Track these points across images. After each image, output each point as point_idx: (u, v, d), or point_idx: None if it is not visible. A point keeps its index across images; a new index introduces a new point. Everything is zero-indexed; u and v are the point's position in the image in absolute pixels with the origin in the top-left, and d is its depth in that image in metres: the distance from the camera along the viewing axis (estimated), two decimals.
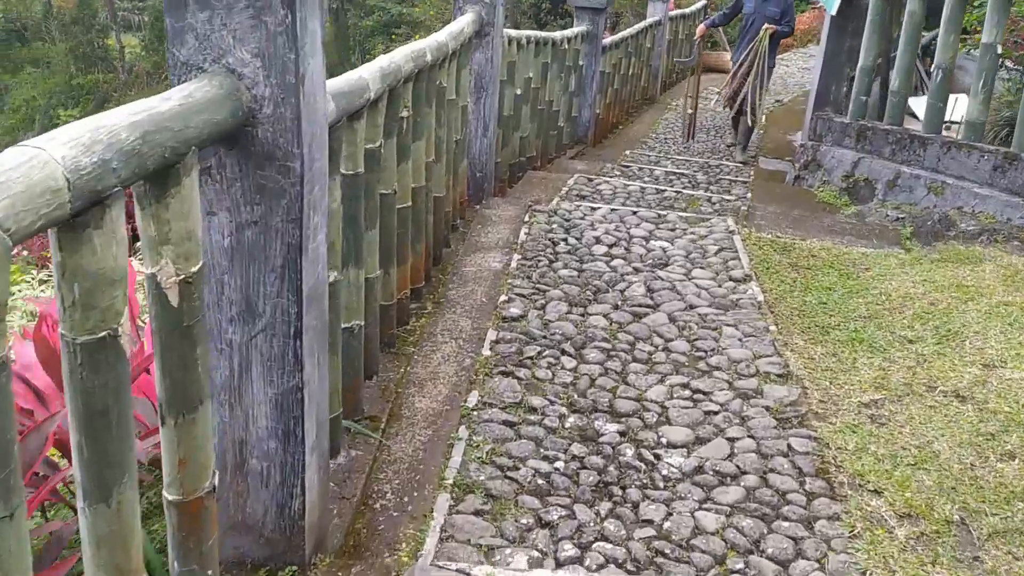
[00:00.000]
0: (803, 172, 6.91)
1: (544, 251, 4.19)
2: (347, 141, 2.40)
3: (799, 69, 14.45)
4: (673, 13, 11.72)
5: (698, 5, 13.42)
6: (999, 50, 5.42)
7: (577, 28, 7.47)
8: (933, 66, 5.84)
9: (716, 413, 2.83)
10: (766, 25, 7.61)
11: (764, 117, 8.58)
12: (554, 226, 4.57)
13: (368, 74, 2.48)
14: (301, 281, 1.63)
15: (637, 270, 4.01)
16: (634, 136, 9.40)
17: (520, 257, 4.10)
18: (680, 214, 4.94)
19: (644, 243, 4.38)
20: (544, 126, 6.63)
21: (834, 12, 6.53)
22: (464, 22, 4.22)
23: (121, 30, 36.17)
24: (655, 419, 2.80)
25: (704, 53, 14.44)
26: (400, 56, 2.92)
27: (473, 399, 2.87)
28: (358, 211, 2.53)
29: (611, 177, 6.61)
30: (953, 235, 5.02)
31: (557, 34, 6.64)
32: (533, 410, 2.83)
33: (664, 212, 4.97)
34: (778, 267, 4.09)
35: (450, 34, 3.79)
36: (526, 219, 4.66)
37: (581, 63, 7.72)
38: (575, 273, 3.94)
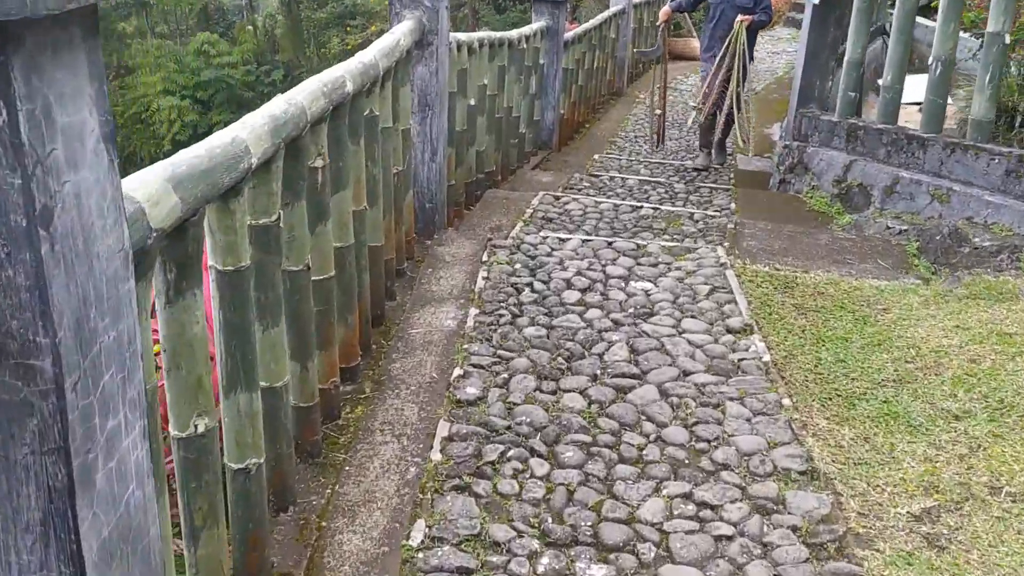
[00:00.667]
0: (788, 176, 6.32)
1: (506, 301, 3.54)
2: (220, 229, 1.73)
3: (768, 54, 13.88)
4: (637, 0, 11.08)
5: None
6: (1007, 40, 4.85)
7: (536, 24, 6.80)
8: (931, 58, 5.27)
9: (730, 539, 2.21)
10: (740, 17, 6.74)
11: (751, 127, 7.58)
12: (517, 266, 3.92)
13: (248, 132, 1.80)
14: (79, 541, 0.97)
15: (617, 323, 3.37)
16: (602, 136, 8.76)
17: (477, 312, 3.45)
18: (662, 243, 4.31)
19: (623, 285, 3.74)
20: (504, 136, 5.97)
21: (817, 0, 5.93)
22: (400, 33, 3.54)
23: None
24: (653, 554, 2.17)
25: (668, 40, 13.86)
26: (305, 94, 2.25)
27: (418, 534, 2.22)
28: (247, 314, 1.87)
29: (580, 192, 5.96)
30: (967, 252, 4.45)
31: (514, 33, 5.97)
32: (496, 546, 2.19)
33: (643, 242, 4.34)
34: (781, 310, 3.48)
35: (380, 51, 3.11)
36: (484, 258, 4.00)
37: (542, 62, 7.05)
38: (543, 332, 3.30)
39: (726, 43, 6.79)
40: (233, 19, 38.03)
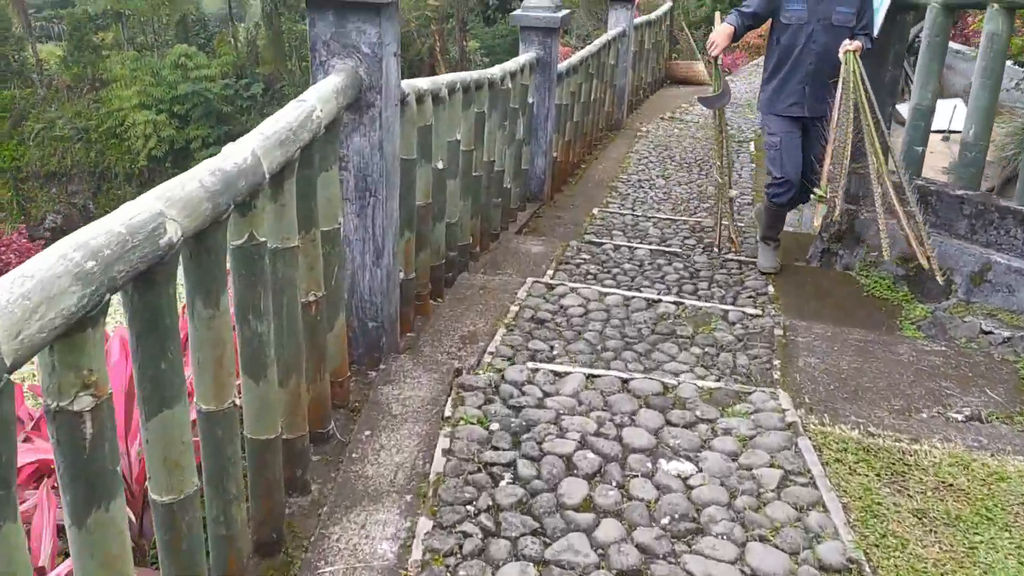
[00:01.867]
0: (835, 246, 5.14)
1: (475, 503, 2.32)
2: None
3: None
4: (637, 21, 9.93)
5: (665, 7, 11.65)
6: None
7: (524, 57, 5.62)
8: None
9: None
10: (849, 44, 4.28)
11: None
12: (494, 426, 2.71)
13: None
14: None
15: (647, 553, 2.16)
16: (601, 179, 7.58)
17: (430, 526, 2.23)
18: (698, 381, 3.10)
19: (650, 468, 2.52)
20: (483, 198, 4.77)
21: (876, 32, 4.74)
22: (316, 98, 2.33)
23: (38, 40, 33.47)
24: None
25: (670, 63, 12.77)
26: (101, 238, 1.05)
27: None
28: None
29: (578, 271, 4.76)
30: None
31: (496, 70, 4.78)
32: None
33: (671, 376, 3.14)
34: (899, 525, 2.27)
35: (268, 139, 1.91)
36: (448, 412, 2.78)
37: (531, 100, 5.87)
38: (535, 573, 2.08)
39: (839, 90, 4.25)
40: (214, 30, 36.76)
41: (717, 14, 5.20)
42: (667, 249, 5.25)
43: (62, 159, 27.73)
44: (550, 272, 4.66)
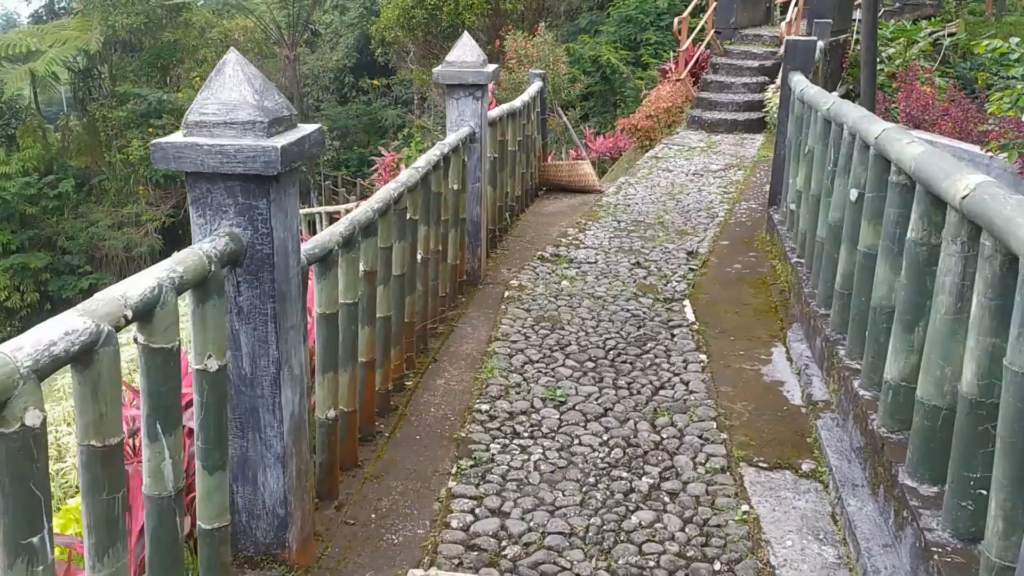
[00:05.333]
0: None
1: None
2: None
3: (687, 177, 9.62)
4: (495, 113, 6.52)
5: (533, 88, 8.35)
6: None
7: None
8: None
9: None
10: None
11: None
12: None
13: None
14: None
15: None
16: (434, 430, 3.98)
17: None
18: None
19: None
20: None
21: None
22: None
23: None
24: None
25: (545, 166, 9.43)
26: None
27: None
28: None
29: None
30: None
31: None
32: None
33: None
34: None
35: None
36: None
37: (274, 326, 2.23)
38: None
39: None
40: (14, 122, 31.33)
41: None
42: None
43: None
44: None
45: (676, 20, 12.94)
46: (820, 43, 8.03)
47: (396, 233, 4.03)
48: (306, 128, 2.42)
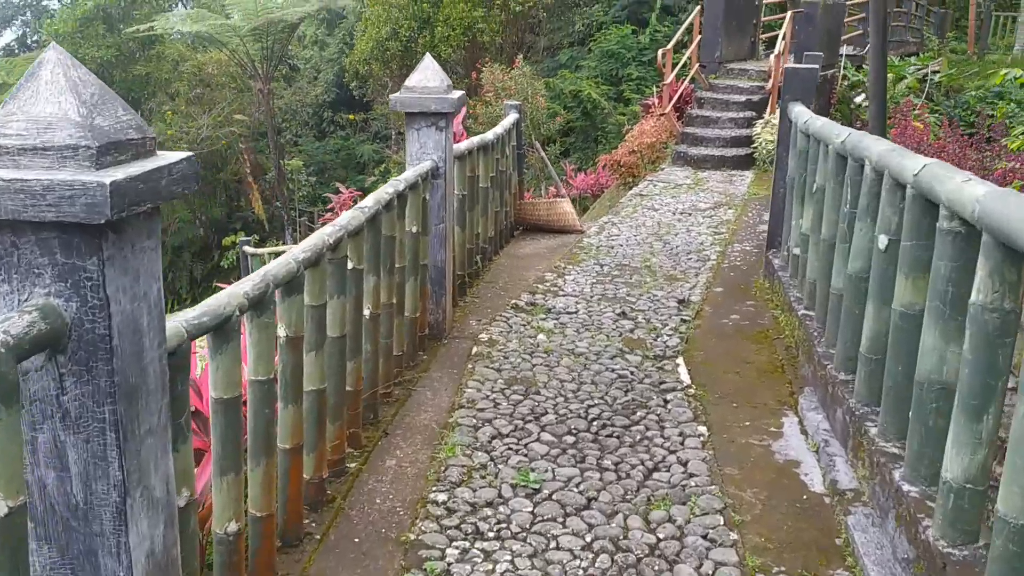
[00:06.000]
0: None
1: None
2: None
3: (674, 216, 8.99)
4: (462, 147, 5.86)
5: (508, 120, 7.71)
6: None
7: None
8: None
9: None
10: None
11: None
12: None
13: None
14: None
15: None
16: (378, 532, 3.23)
17: None
18: None
19: None
20: None
21: None
22: None
23: None
24: None
25: (521, 204, 8.75)
26: None
27: None
28: None
29: None
30: None
31: None
32: None
33: None
34: None
35: None
36: None
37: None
38: None
39: None
40: None
41: None
42: None
43: None
44: None
45: (660, 53, 12.42)
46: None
47: (333, 287, 3.31)
48: (165, 158, 1.71)
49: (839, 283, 4.18)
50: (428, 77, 4.83)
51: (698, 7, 13.69)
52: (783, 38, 12.48)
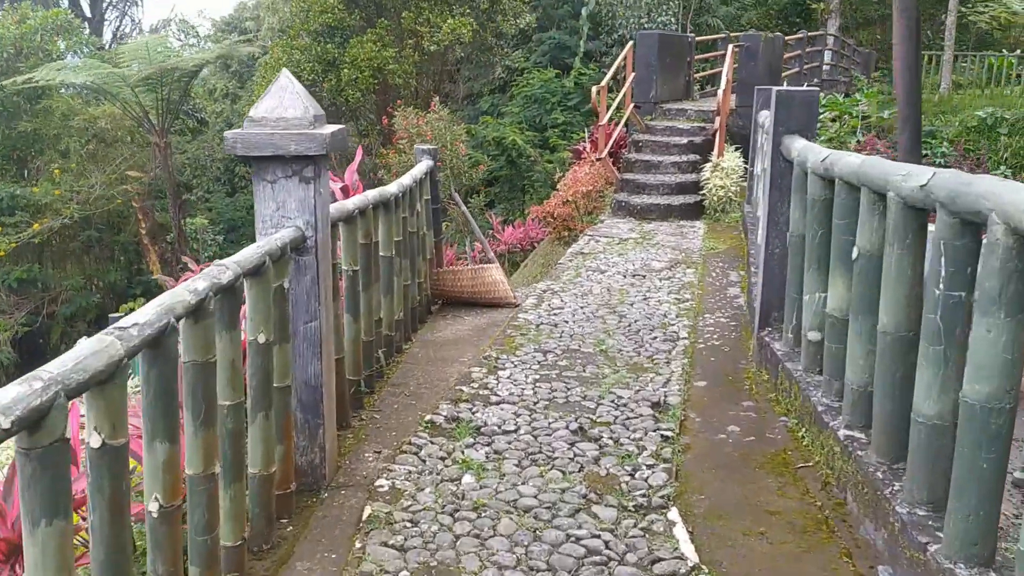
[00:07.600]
0: None
1: None
2: None
3: (624, 281, 7.50)
4: (358, 203, 4.22)
5: (422, 167, 6.10)
6: None
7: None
8: None
9: None
10: None
11: None
12: None
13: None
14: None
15: None
16: None
17: None
18: None
19: None
20: None
21: None
22: None
23: None
24: None
25: (439, 272, 7.01)
26: None
27: None
28: None
29: None
30: None
31: None
32: None
33: None
34: None
35: None
36: None
37: None
38: None
39: None
40: None
41: None
42: None
43: None
44: None
45: (595, 90, 11.07)
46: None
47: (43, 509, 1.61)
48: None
49: (928, 404, 2.67)
50: (285, 104, 3.19)
51: (629, 44, 12.49)
52: (725, 74, 11.32)
